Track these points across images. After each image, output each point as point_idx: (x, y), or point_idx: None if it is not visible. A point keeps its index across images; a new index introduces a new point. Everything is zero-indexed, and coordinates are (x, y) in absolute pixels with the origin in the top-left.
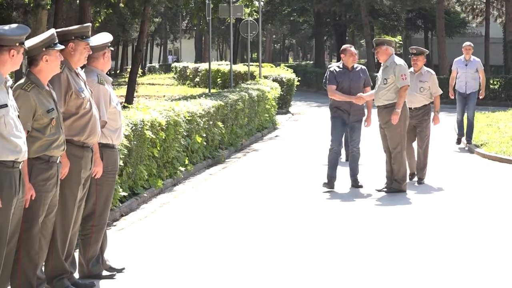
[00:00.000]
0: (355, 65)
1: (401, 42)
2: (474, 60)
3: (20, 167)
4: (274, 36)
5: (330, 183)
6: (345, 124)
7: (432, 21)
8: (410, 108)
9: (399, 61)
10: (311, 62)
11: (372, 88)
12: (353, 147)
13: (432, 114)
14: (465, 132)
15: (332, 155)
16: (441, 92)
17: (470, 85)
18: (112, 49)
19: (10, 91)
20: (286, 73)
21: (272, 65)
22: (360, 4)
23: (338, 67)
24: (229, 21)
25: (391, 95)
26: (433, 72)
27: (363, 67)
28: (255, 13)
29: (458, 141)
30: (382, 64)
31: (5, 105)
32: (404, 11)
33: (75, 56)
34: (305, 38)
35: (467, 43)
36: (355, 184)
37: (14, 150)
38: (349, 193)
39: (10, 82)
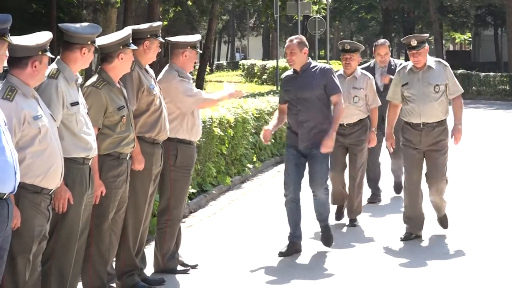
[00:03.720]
0: (314, 64)
1: (470, 39)
2: None
3: (90, 164)
4: (341, 33)
5: (291, 245)
6: (302, 155)
7: (502, 18)
8: (341, 125)
9: (441, 60)
10: None
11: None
12: (316, 190)
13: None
14: None
15: (288, 205)
16: (379, 103)
17: None
18: (200, 51)
19: (80, 89)
20: None
21: (340, 62)
22: (428, 0)
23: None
24: (296, 18)
25: (445, 107)
26: (371, 76)
27: (328, 66)
28: (323, 10)
29: None
30: (412, 66)
31: (77, 103)
32: (473, 8)
33: (149, 53)
34: (373, 35)
35: None
36: (326, 242)
37: (85, 148)
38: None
39: (80, 80)
